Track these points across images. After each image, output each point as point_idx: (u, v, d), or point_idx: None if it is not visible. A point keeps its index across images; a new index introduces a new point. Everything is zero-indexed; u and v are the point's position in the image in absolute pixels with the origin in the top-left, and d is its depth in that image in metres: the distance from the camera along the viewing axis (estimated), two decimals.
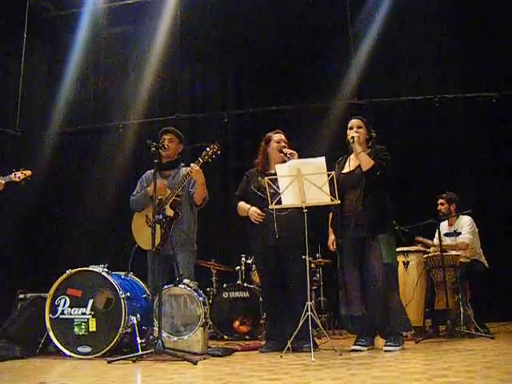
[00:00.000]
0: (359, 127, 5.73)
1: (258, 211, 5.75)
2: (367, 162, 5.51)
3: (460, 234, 7.14)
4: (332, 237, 5.86)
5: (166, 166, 6.23)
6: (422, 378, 3.55)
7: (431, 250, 7.29)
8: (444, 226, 7.32)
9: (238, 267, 8.06)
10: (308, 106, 9.68)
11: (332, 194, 5.13)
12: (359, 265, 5.58)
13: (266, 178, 5.35)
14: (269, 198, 5.33)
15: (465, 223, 7.22)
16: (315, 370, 4.20)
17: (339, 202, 5.22)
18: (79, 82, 10.32)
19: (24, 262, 8.65)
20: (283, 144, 5.94)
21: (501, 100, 9.16)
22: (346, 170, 5.77)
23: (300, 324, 5.11)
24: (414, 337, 6.52)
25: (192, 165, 5.84)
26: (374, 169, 5.47)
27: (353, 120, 5.81)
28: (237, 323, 7.67)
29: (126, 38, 10.46)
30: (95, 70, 10.47)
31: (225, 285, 7.95)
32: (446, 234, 7.19)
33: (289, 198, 5.27)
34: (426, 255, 7.18)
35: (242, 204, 5.97)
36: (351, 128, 5.75)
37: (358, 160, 5.57)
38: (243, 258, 8.05)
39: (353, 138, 5.56)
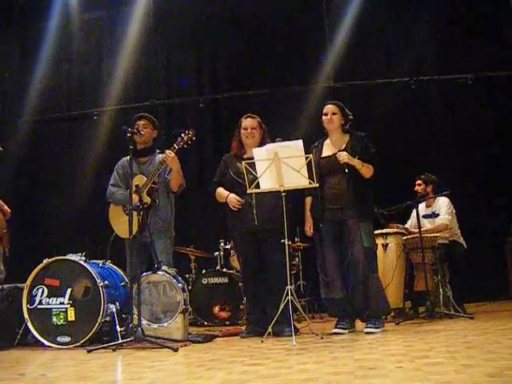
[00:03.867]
0: (334, 113, 5.71)
1: (237, 198, 5.71)
2: (369, 172, 5.56)
3: (438, 215, 7.16)
4: (309, 222, 5.83)
5: (142, 152, 6.16)
6: (404, 360, 3.55)
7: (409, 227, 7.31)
8: (422, 208, 7.31)
9: (217, 253, 8.02)
10: (284, 90, 9.64)
11: (310, 177, 5.11)
12: (339, 248, 5.58)
13: (244, 163, 5.31)
14: (247, 183, 5.30)
15: (442, 204, 7.23)
16: (297, 354, 4.19)
17: (317, 185, 5.21)
18: (53, 68, 10.18)
19: None
20: (249, 131, 5.90)
21: (476, 81, 9.19)
22: (325, 154, 5.75)
23: (280, 308, 5.10)
24: (394, 319, 6.55)
25: (167, 151, 5.78)
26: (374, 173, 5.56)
27: (327, 106, 5.79)
28: (216, 309, 7.65)
29: (99, 24, 10.32)
30: (69, 56, 10.32)
31: (204, 271, 7.91)
32: (424, 216, 7.20)
33: (267, 182, 5.25)
34: (404, 237, 7.18)
35: (220, 190, 5.93)
36: (326, 114, 5.73)
37: (360, 171, 5.54)
38: (222, 244, 8.00)
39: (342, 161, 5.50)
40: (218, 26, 9.92)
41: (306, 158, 5.08)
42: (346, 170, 5.47)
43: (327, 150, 5.75)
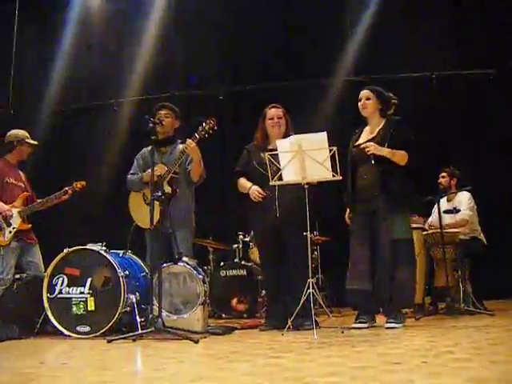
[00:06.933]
0: (368, 99, 5.63)
1: (259, 190, 5.65)
2: (403, 159, 5.41)
3: (459, 211, 7.11)
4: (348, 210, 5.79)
5: (163, 142, 6.13)
6: (428, 355, 3.51)
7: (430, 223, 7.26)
8: (443, 203, 7.24)
9: (236, 245, 8.01)
10: (304, 83, 9.59)
11: (334, 169, 5.06)
12: (369, 239, 5.48)
13: (267, 154, 5.28)
14: (270, 175, 5.25)
15: (464, 199, 7.17)
16: (319, 348, 4.16)
17: (341, 177, 5.15)
18: (72, 60, 10.18)
19: None
20: (276, 120, 5.87)
21: (498, 77, 9.10)
22: (359, 141, 5.67)
23: (301, 302, 5.06)
24: (414, 314, 6.50)
25: (188, 141, 5.75)
26: (411, 160, 5.42)
27: (362, 91, 5.71)
28: (234, 301, 7.65)
29: (119, 15, 10.30)
30: (89, 47, 10.33)
31: (222, 263, 7.91)
32: (445, 211, 7.14)
33: (290, 174, 5.20)
34: (425, 232, 7.12)
35: (243, 181, 5.88)
36: (360, 100, 5.67)
37: (393, 160, 5.41)
38: (241, 236, 7.99)
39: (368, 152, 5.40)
40: (238, 17, 9.87)
41: (330, 151, 5.03)
42: (373, 162, 5.39)
43: (362, 137, 5.68)
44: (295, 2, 9.58)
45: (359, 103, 5.68)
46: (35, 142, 6.52)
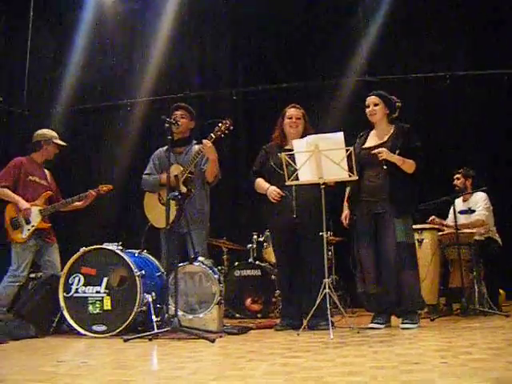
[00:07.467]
0: (376, 104, 5.65)
1: (278, 190, 5.65)
2: (411, 167, 5.42)
3: (474, 211, 7.08)
4: (346, 211, 5.79)
5: (178, 142, 6.15)
6: (447, 356, 3.51)
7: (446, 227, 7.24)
8: (458, 203, 7.20)
9: (250, 245, 8.00)
10: (318, 83, 9.58)
11: (350, 169, 5.07)
12: (374, 242, 5.50)
13: (284, 154, 5.28)
14: (286, 175, 5.25)
15: (480, 199, 7.13)
16: (336, 348, 4.17)
17: (357, 177, 5.16)
18: (87, 59, 10.20)
19: None
20: (294, 120, 5.87)
21: None
22: (367, 145, 5.68)
23: (317, 302, 5.06)
24: (428, 315, 6.48)
25: (205, 141, 5.78)
26: (418, 168, 5.43)
27: (369, 97, 5.71)
28: (248, 301, 7.64)
29: (133, 15, 10.33)
30: (103, 47, 10.35)
31: (236, 263, 7.90)
32: (461, 212, 7.10)
33: (306, 174, 5.21)
34: (440, 233, 7.10)
35: (260, 181, 5.88)
36: (368, 106, 5.68)
37: (402, 167, 5.43)
38: (255, 236, 7.98)
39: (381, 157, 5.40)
40: (251, 17, 9.84)
41: (347, 151, 5.03)
42: (385, 167, 5.40)
43: (370, 141, 5.69)
44: (308, 2, 9.56)
45: (367, 110, 5.68)
46: (63, 143, 6.53)
